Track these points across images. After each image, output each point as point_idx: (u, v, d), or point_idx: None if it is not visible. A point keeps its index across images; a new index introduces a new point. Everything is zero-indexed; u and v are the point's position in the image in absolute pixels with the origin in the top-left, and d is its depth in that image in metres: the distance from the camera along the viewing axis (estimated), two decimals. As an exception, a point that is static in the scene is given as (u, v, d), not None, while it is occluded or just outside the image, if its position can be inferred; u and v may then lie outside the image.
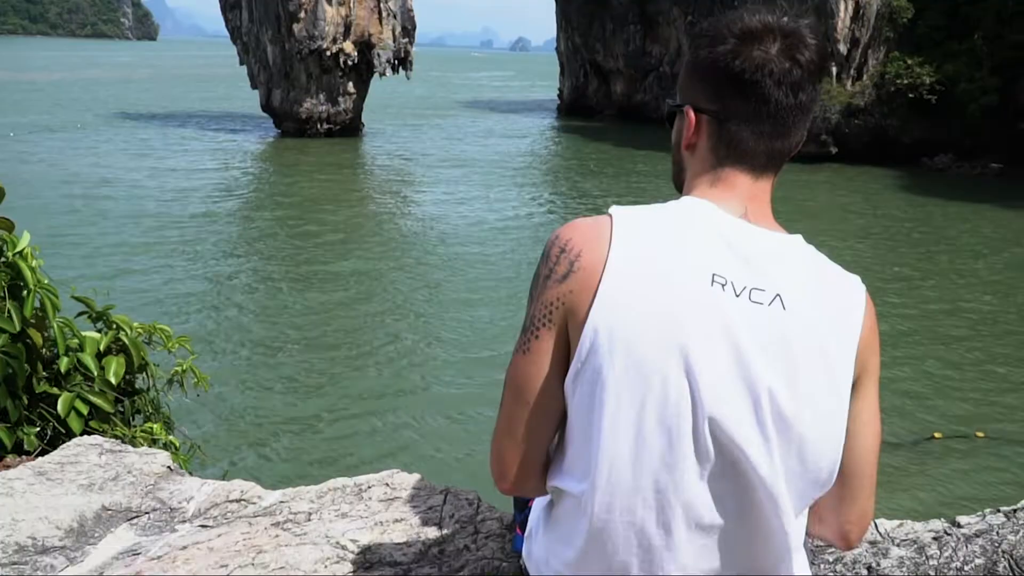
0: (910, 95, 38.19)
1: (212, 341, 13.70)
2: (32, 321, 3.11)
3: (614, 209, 1.45)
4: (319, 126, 43.13)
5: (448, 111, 64.54)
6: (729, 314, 1.34)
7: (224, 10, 44.49)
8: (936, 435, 11.31)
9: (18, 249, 3.07)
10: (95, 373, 3.23)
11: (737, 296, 1.36)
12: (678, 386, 1.32)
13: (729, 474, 1.35)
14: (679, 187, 1.60)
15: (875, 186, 33.98)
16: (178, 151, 36.97)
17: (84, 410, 3.16)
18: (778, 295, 1.37)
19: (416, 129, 49.93)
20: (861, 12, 39.25)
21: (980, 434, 11.39)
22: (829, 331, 1.39)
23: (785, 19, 1.46)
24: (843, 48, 38.99)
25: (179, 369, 3.58)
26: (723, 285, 1.36)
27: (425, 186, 31.12)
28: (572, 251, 1.41)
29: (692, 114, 1.51)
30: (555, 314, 1.41)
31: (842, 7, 38.88)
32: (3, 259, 3.06)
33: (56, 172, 29.84)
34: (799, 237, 1.47)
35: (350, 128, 44.45)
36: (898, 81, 38.43)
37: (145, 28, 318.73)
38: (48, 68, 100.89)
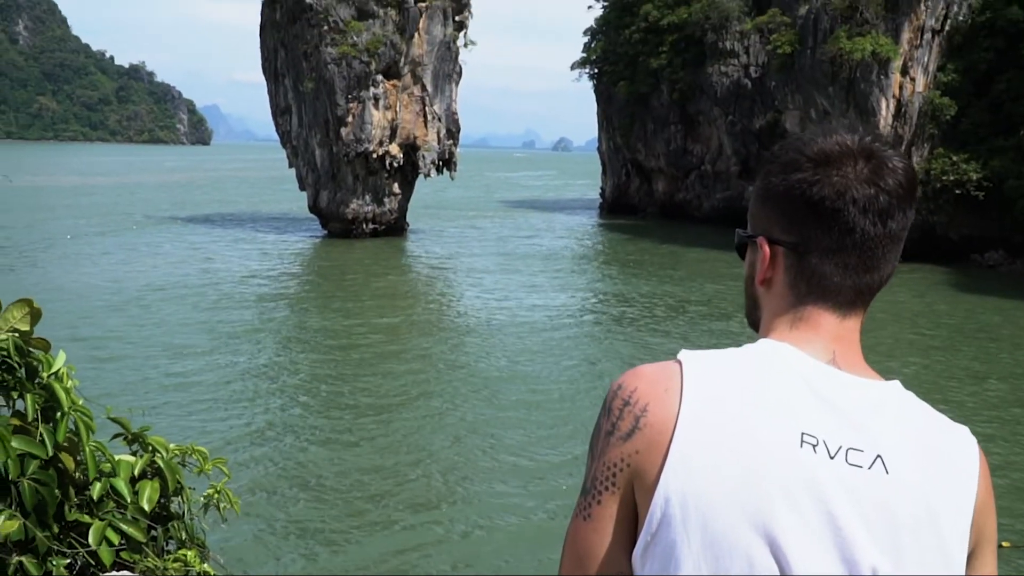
0: (957, 191, 37.91)
1: (253, 459, 13.35)
2: (65, 445, 3.00)
3: (684, 355, 1.29)
4: (365, 226, 43.80)
5: (492, 211, 65.39)
6: (822, 480, 1.18)
7: (275, 115, 45.97)
8: (1004, 544, 10.73)
9: (53, 370, 2.98)
10: (128, 499, 3.10)
11: (832, 458, 1.19)
12: (765, 566, 1.16)
13: None
14: (754, 325, 1.45)
15: (927, 283, 33.45)
16: (228, 253, 37.71)
17: (116, 540, 3.02)
18: (879, 456, 1.21)
19: (460, 229, 50.54)
20: (903, 110, 39.35)
21: None
22: (940, 496, 1.22)
23: (865, 138, 1.33)
24: (886, 145, 38.93)
25: (212, 492, 3.43)
26: (814, 446, 1.20)
27: (471, 287, 31.06)
28: (637, 405, 1.26)
29: (767, 246, 1.38)
30: (619, 477, 1.25)
31: (883, 105, 39.02)
32: (38, 380, 2.97)
33: (108, 274, 30.51)
34: (897, 383, 1.30)
35: (395, 228, 45.12)
36: (944, 178, 38.19)
37: (199, 133, 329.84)
38: (106, 173, 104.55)
